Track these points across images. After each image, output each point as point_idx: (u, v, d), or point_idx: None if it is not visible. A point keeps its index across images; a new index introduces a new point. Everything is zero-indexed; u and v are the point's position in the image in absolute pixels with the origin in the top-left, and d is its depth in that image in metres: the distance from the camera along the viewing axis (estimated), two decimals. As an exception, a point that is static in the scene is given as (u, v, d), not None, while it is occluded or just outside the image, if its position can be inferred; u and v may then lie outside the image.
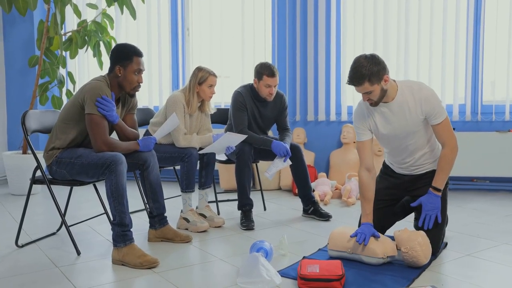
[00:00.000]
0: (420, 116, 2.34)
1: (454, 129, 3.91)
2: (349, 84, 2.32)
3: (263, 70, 3.15)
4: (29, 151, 4.24)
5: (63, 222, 2.63)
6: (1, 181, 4.77)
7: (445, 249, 2.57)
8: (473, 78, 4.21)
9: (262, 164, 3.93)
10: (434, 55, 4.24)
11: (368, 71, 2.23)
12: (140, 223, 3.17)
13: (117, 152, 2.47)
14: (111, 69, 2.56)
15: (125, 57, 2.52)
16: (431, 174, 2.44)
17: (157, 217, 2.78)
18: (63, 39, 4.52)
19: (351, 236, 2.32)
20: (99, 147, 2.44)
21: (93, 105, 2.42)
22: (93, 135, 2.44)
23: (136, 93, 2.70)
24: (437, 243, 2.39)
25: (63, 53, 4.64)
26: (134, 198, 3.79)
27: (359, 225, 2.49)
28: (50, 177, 2.62)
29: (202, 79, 3.07)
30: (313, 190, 4.00)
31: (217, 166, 4.42)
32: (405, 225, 2.68)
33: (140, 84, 2.60)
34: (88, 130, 2.46)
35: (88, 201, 3.92)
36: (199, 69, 3.11)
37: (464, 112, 4.24)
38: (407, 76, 4.29)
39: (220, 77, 4.74)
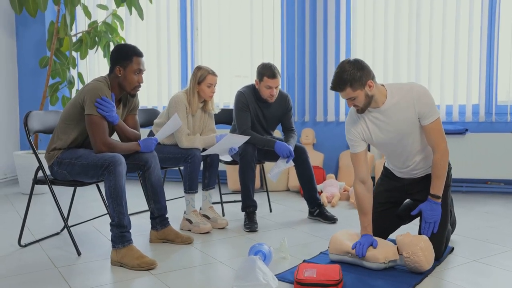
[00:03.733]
0: (414, 117, 2.25)
1: (467, 129, 3.78)
2: (332, 89, 2.25)
3: (264, 71, 3.10)
4: (39, 151, 4.29)
5: (64, 222, 2.64)
6: (13, 180, 4.84)
7: (451, 254, 2.49)
8: (487, 78, 4.09)
9: (268, 165, 3.89)
10: (446, 54, 4.13)
11: (349, 76, 2.16)
12: (143, 224, 3.17)
13: (117, 153, 2.46)
14: (111, 70, 2.55)
15: (125, 57, 2.51)
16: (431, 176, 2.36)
17: (158, 218, 2.77)
18: (74, 40, 4.56)
19: (352, 248, 2.26)
20: (99, 148, 2.44)
21: (92, 105, 2.42)
22: (92, 135, 2.44)
23: (140, 93, 2.69)
24: (440, 248, 2.32)
25: (74, 54, 4.69)
26: (139, 198, 3.81)
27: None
28: (52, 177, 2.64)
29: (201, 78, 3.04)
30: (321, 192, 3.95)
31: (225, 166, 4.40)
32: (411, 229, 2.62)
33: (141, 84, 2.59)
34: (87, 131, 2.46)
35: (96, 200, 3.93)
36: (198, 68, 3.09)
37: (478, 113, 4.12)
38: (419, 76, 4.20)
39: (229, 76, 4.75)
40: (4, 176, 4.80)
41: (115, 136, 2.66)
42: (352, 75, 2.16)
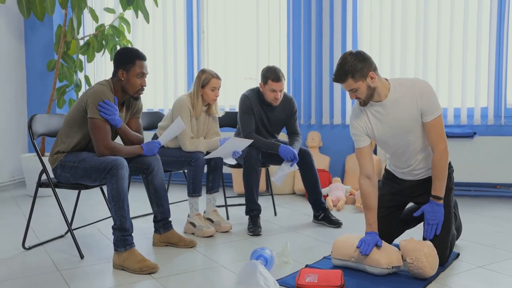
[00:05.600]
0: (416, 113, 2.23)
1: (475, 133, 3.71)
2: (334, 81, 2.26)
3: (268, 74, 3.09)
4: (46, 153, 4.32)
5: (67, 225, 2.65)
6: (21, 182, 4.88)
7: (456, 260, 2.45)
8: (496, 80, 4.03)
9: (273, 168, 3.87)
10: (454, 55, 4.08)
11: (351, 67, 2.17)
12: (147, 227, 3.17)
13: (119, 156, 2.46)
14: (115, 73, 2.56)
15: (128, 60, 2.52)
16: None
17: (161, 222, 2.76)
18: (82, 43, 4.59)
19: (357, 247, 2.24)
20: (101, 151, 2.45)
21: (95, 109, 2.42)
22: (95, 139, 2.45)
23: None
24: (444, 253, 2.28)
25: (81, 57, 4.71)
26: (144, 201, 3.81)
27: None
28: (56, 180, 2.65)
29: (205, 81, 3.04)
30: (327, 195, 3.92)
31: (231, 170, 4.39)
32: (415, 234, 2.59)
33: (144, 87, 2.59)
34: (90, 134, 2.47)
35: (102, 203, 3.93)
36: (202, 72, 3.08)
37: (487, 116, 4.06)
38: (426, 78, 4.14)
39: (236, 79, 4.74)
40: (12, 178, 4.84)
41: (118, 140, 2.67)
42: (353, 66, 2.16)
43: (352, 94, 2.24)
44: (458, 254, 2.51)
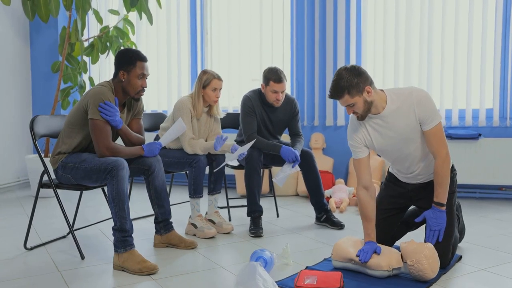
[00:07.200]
0: (414, 122, 2.21)
1: (480, 134, 3.68)
2: (330, 97, 2.24)
3: (270, 76, 3.08)
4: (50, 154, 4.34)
5: (68, 225, 2.66)
6: (25, 183, 4.90)
7: (459, 263, 2.42)
8: (501, 81, 4.00)
9: (276, 170, 3.86)
10: (459, 57, 4.04)
11: (347, 82, 2.15)
12: (149, 228, 3.17)
13: (120, 157, 2.47)
14: (115, 74, 2.57)
15: (129, 62, 2.52)
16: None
17: (162, 223, 2.76)
18: (86, 45, 4.61)
19: (356, 256, 2.22)
20: (102, 152, 2.45)
21: (96, 110, 2.43)
22: (95, 140, 2.45)
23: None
24: (446, 256, 2.26)
25: (85, 58, 4.73)
26: (147, 202, 3.81)
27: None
28: (57, 181, 2.66)
29: (206, 82, 3.03)
30: (330, 197, 3.91)
31: (234, 171, 4.39)
32: (417, 236, 2.56)
33: (144, 88, 2.59)
34: (91, 135, 2.47)
35: (105, 204, 3.95)
36: (204, 72, 3.08)
37: (492, 117, 4.03)
38: (431, 80, 4.12)
39: (239, 80, 4.74)
40: (17, 179, 4.87)
41: (119, 141, 2.67)
42: (349, 82, 2.15)
43: (349, 110, 2.23)
44: (461, 257, 2.48)
